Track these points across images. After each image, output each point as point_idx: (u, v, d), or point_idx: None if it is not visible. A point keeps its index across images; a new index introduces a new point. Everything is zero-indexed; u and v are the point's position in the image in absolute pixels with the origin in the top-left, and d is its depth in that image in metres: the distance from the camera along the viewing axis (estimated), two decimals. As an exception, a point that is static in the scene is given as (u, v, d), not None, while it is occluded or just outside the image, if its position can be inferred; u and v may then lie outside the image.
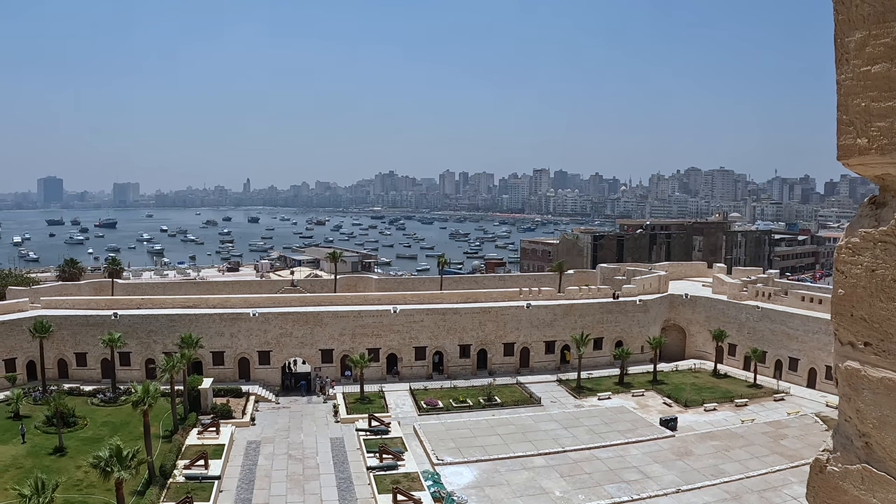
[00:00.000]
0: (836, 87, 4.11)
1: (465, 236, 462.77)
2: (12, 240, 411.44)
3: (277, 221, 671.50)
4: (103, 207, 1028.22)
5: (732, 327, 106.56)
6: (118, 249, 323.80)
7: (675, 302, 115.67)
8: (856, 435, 4.24)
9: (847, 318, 4.30)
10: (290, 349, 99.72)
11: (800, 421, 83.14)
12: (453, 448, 74.16)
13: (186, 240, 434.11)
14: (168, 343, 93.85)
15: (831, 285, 4.59)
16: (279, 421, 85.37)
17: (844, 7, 3.94)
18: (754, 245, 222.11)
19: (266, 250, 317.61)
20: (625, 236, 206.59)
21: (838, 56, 4.07)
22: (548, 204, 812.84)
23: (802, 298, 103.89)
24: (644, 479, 67.04)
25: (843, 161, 4.22)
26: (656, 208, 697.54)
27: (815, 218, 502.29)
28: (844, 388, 4.36)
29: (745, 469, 68.62)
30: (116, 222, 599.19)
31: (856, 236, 4.21)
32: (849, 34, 3.96)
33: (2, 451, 69.78)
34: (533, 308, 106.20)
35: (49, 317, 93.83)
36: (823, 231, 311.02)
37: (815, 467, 4.52)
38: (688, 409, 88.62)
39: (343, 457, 73.62)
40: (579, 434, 78.74)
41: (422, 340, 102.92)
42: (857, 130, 4.01)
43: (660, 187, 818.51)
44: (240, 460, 72.21)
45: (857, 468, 4.21)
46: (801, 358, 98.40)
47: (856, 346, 4.25)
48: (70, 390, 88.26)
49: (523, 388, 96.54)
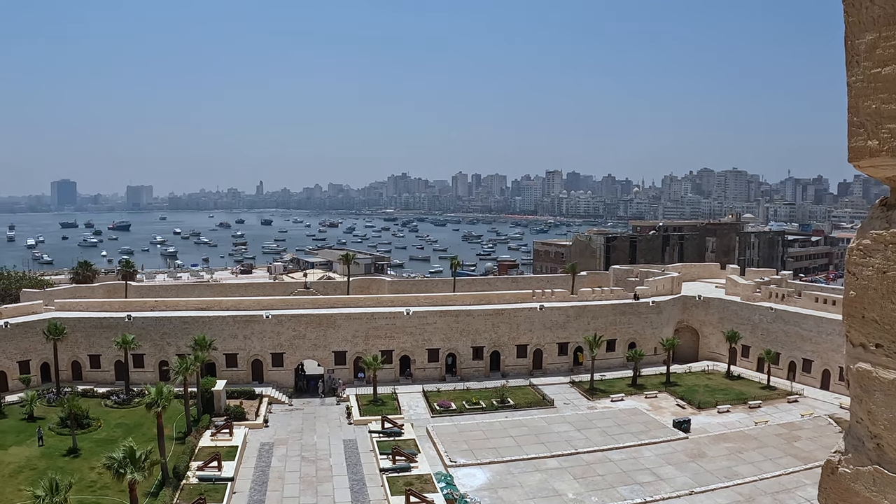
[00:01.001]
0: (847, 89, 4.12)
1: (477, 238, 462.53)
2: (26, 242, 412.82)
3: (290, 224, 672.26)
4: (117, 210, 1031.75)
5: (746, 329, 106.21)
6: (131, 252, 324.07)
7: (688, 303, 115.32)
8: (867, 436, 4.25)
9: (858, 320, 4.30)
10: (304, 351, 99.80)
11: (813, 423, 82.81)
12: (466, 450, 74.10)
13: (199, 242, 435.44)
14: (181, 345, 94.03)
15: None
16: (292, 423, 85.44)
17: (855, 9, 3.95)
18: (767, 246, 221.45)
19: (279, 252, 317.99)
20: (638, 238, 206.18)
21: (849, 58, 4.08)
22: (560, 205, 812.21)
23: (816, 300, 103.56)
24: (657, 480, 66.87)
25: (854, 163, 4.22)
26: (669, 209, 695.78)
27: (828, 219, 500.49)
28: (856, 389, 4.36)
29: (759, 471, 68.38)
30: (130, 225, 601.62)
31: (867, 238, 4.21)
32: (859, 36, 3.97)
33: (16, 452, 70.06)
34: (546, 310, 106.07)
35: (63, 319, 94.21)
36: (837, 232, 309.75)
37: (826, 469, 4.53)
38: (701, 410, 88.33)
39: (356, 458, 73.64)
40: (592, 436, 78.60)
41: (435, 342, 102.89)
42: (867, 132, 4.02)
43: (672, 188, 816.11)
44: (253, 462, 72.31)
45: (868, 470, 4.22)
46: (815, 359, 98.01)
47: (867, 347, 4.25)
48: (84, 392, 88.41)
49: (536, 390, 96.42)
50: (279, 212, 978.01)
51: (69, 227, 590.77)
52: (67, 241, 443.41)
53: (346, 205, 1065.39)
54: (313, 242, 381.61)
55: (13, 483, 61.69)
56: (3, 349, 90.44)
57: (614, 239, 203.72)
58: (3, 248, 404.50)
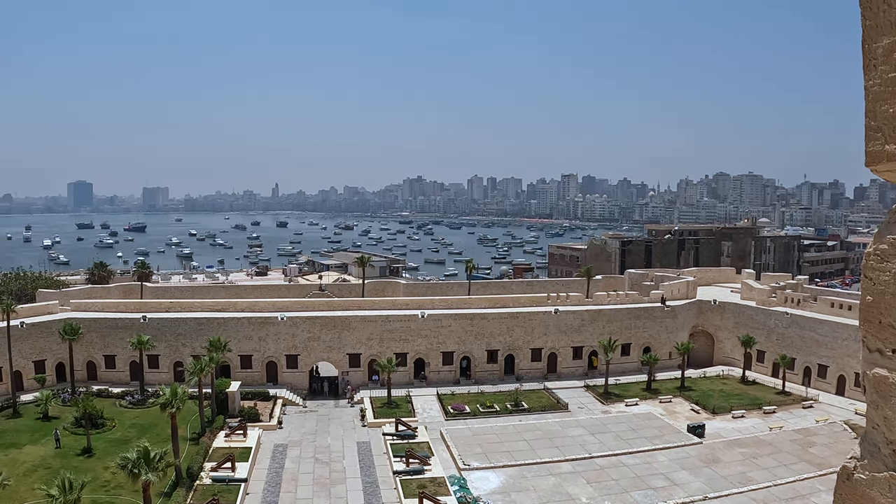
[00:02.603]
0: (864, 92, 4.09)
1: (493, 241, 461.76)
2: (42, 243, 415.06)
3: (306, 226, 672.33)
4: (133, 211, 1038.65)
5: (761, 333, 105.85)
6: (147, 253, 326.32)
7: (703, 308, 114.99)
8: (883, 442, 4.22)
9: (875, 325, 4.28)
10: (318, 353, 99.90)
11: (828, 429, 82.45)
12: (480, 453, 74.07)
13: (215, 244, 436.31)
14: (196, 346, 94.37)
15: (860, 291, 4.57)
16: (306, 424, 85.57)
17: (872, 13, 3.92)
18: (783, 251, 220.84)
19: (294, 255, 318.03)
20: (653, 241, 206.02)
21: (866, 62, 4.06)
22: (576, 209, 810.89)
23: (832, 305, 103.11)
24: (671, 486, 66.70)
25: (871, 167, 4.20)
26: (685, 213, 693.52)
27: (844, 223, 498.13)
28: (872, 395, 4.34)
29: (773, 477, 68.09)
30: (146, 226, 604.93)
31: (884, 243, 4.19)
32: (877, 40, 3.95)
33: (31, 452, 70.44)
34: (561, 313, 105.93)
35: (78, 319, 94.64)
36: (853, 236, 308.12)
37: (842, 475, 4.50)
38: (716, 415, 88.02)
39: (370, 461, 73.70)
40: (606, 440, 78.45)
41: (449, 345, 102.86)
42: (885, 136, 4.00)
43: (688, 192, 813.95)
44: (266, 463, 72.44)
45: (884, 476, 4.19)
46: (831, 365, 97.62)
47: (884, 353, 4.23)
48: (98, 392, 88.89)
49: (550, 394, 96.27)
50: (294, 214, 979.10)
51: (85, 228, 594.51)
52: (83, 241, 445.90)
53: (362, 207, 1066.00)
54: (328, 245, 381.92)
55: (27, 482, 61.98)
56: (19, 349, 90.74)
57: (629, 243, 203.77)
58: (20, 248, 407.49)
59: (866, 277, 4.31)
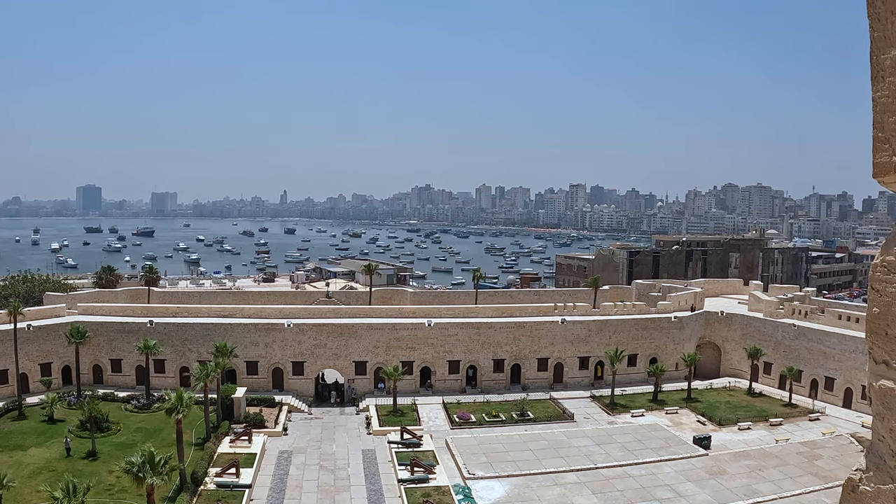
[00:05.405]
0: (872, 104, 4.09)
1: (500, 250, 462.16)
2: (51, 246, 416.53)
3: (314, 233, 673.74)
4: (141, 216, 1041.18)
5: (768, 345, 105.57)
6: (155, 258, 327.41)
7: (710, 319, 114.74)
8: (889, 454, 4.20)
9: (882, 337, 4.27)
10: (325, 360, 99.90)
11: (835, 441, 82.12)
12: (485, 462, 73.93)
13: (223, 250, 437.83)
14: (203, 351, 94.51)
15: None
16: (311, 431, 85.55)
17: (880, 25, 3.92)
18: (791, 262, 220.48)
19: (302, 261, 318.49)
20: (661, 252, 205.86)
21: (874, 73, 4.05)
22: (584, 219, 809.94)
23: (839, 317, 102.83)
24: (676, 497, 66.48)
25: (879, 179, 4.19)
26: (693, 224, 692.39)
27: (852, 235, 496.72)
28: (878, 407, 4.32)
29: (779, 489, 67.80)
30: (154, 231, 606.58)
31: (891, 255, 4.18)
32: (884, 52, 3.94)
33: (36, 454, 70.51)
34: (567, 323, 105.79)
35: (85, 323, 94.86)
36: (861, 248, 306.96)
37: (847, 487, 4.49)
38: (722, 427, 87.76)
39: (374, 469, 73.62)
40: (612, 451, 78.21)
41: (456, 354, 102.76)
42: (892, 148, 3.99)
43: (696, 203, 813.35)
44: (271, 469, 72.39)
45: (889, 488, 4.18)
46: (838, 377, 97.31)
47: (890, 364, 4.22)
48: (104, 396, 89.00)
49: (556, 404, 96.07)
50: (303, 221, 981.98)
51: (93, 232, 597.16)
52: (91, 245, 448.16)
53: (370, 215, 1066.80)
54: (336, 252, 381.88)
55: (32, 484, 61.99)
56: (26, 351, 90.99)
57: (637, 253, 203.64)
58: (28, 251, 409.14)
59: (873, 289, 4.30)
